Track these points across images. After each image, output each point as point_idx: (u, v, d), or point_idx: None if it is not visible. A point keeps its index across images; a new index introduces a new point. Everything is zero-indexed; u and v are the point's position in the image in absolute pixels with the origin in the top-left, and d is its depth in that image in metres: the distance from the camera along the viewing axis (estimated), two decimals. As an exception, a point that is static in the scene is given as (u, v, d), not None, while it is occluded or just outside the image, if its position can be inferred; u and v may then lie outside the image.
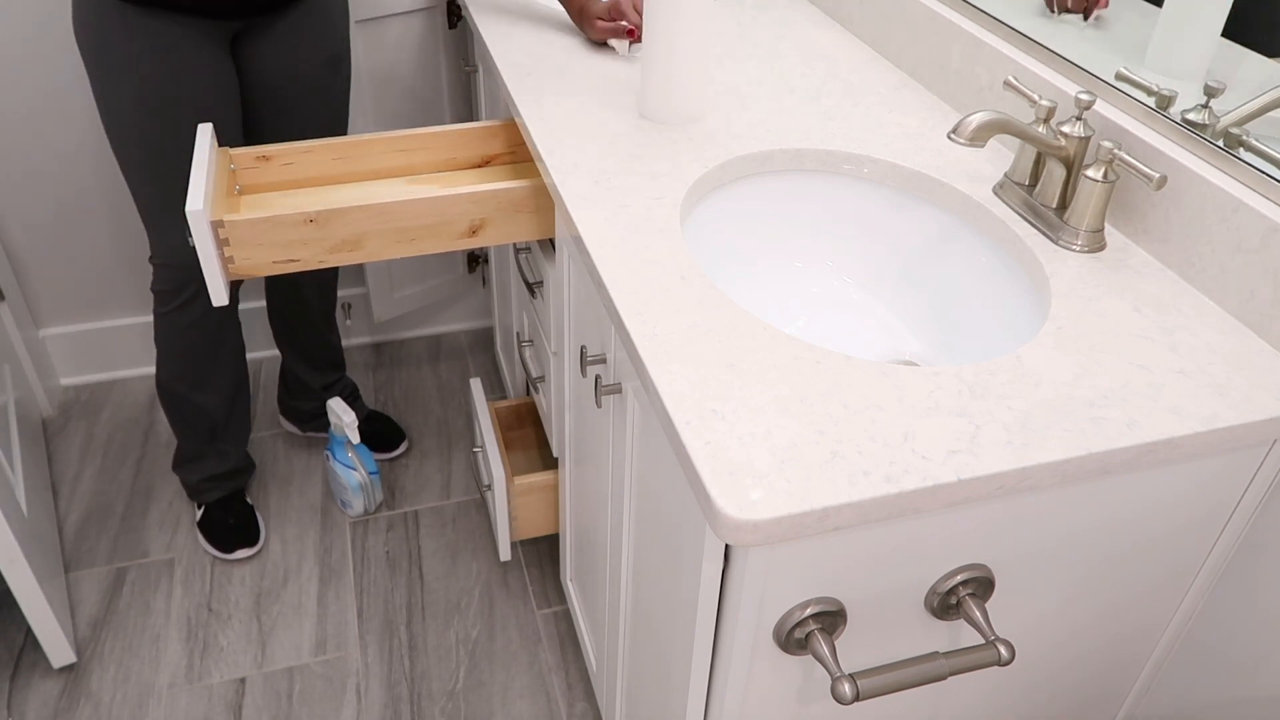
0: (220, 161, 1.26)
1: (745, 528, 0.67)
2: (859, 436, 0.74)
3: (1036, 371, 0.81)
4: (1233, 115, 0.89)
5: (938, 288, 1.08)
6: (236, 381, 1.67)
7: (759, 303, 1.12)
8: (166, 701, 1.52)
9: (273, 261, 1.20)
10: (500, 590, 1.70)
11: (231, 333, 1.61)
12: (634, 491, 1.02)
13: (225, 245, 1.17)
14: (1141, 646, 0.98)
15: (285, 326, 1.81)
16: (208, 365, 1.60)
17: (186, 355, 1.58)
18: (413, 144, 1.36)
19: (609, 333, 1.00)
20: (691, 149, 1.12)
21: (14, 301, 1.92)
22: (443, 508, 1.85)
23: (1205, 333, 0.87)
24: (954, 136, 0.91)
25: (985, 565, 0.80)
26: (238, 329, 1.62)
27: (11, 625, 1.62)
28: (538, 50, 1.38)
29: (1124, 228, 0.99)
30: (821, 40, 1.44)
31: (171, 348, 1.57)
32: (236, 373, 1.66)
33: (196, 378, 1.61)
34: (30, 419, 1.90)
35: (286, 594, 1.69)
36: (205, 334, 1.56)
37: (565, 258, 1.16)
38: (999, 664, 0.76)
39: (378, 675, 1.56)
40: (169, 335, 1.56)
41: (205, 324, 1.55)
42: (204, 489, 1.74)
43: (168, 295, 1.51)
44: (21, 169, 1.84)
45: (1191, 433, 0.76)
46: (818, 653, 0.76)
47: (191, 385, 1.61)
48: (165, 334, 1.56)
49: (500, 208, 1.24)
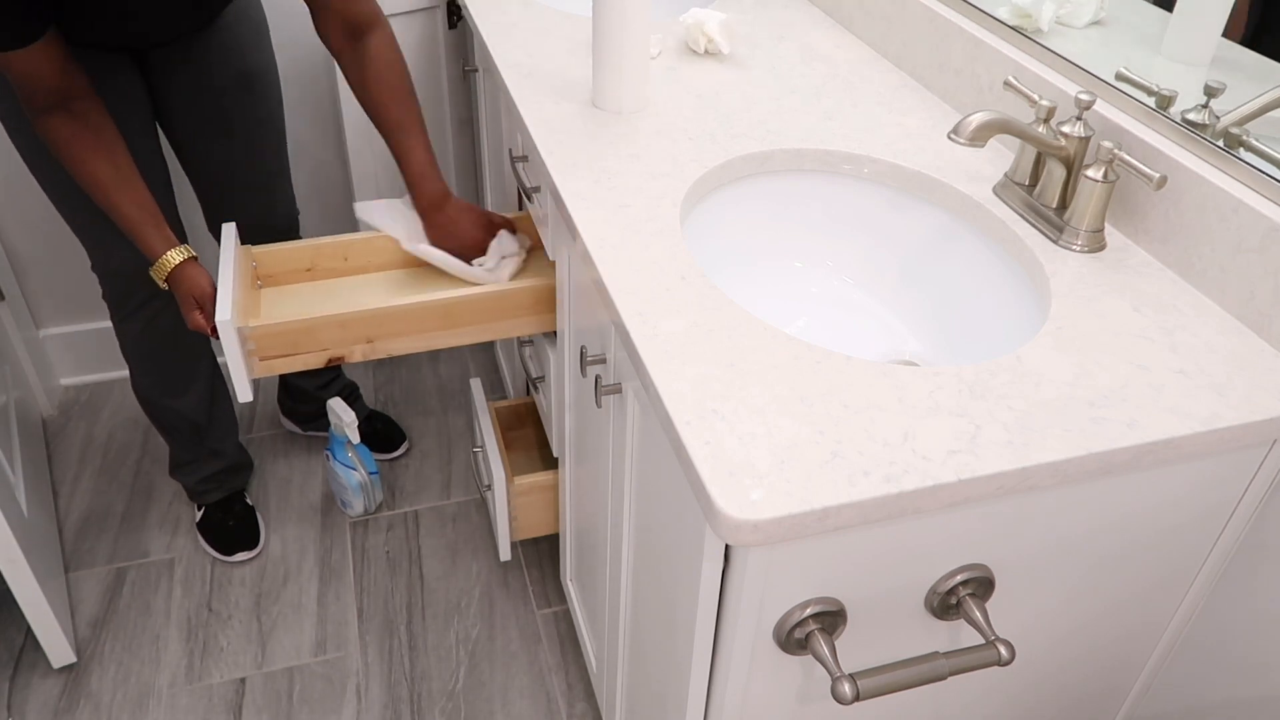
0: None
1: (745, 528, 0.67)
2: (859, 436, 0.74)
3: (1036, 371, 0.81)
4: (1233, 115, 0.89)
5: (938, 288, 1.08)
6: (209, 379, 1.65)
7: (759, 303, 1.12)
8: (166, 701, 1.52)
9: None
10: (500, 590, 1.70)
11: (191, 333, 1.59)
12: (634, 491, 1.02)
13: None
14: (1142, 646, 0.98)
15: None
16: (175, 368, 1.59)
17: (152, 361, 1.56)
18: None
19: (609, 333, 1.00)
20: (691, 149, 1.12)
21: (14, 301, 1.92)
22: (443, 508, 1.85)
23: (1205, 333, 0.87)
24: (954, 136, 0.91)
25: (985, 565, 0.80)
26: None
27: (11, 625, 1.62)
28: (538, 50, 1.38)
29: (1124, 228, 0.99)
30: (821, 40, 1.44)
31: (137, 355, 1.56)
32: (207, 370, 1.64)
33: (168, 383, 1.59)
34: (30, 419, 1.90)
35: (286, 594, 1.69)
36: (167, 339, 1.54)
37: (565, 258, 1.16)
38: (999, 664, 0.76)
39: (378, 675, 1.56)
40: (130, 344, 1.54)
41: (164, 327, 1.53)
42: (204, 490, 1.74)
43: (118, 304, 1.50)
44: (21, 169, 1.84)
45: (1191, 433, 0.76)
46: (818, 653, 0.76)
47: (164, 391, 1.60)
48: (126, 343, 1.54)
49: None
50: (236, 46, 1.43)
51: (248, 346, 1.22)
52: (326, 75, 1.93)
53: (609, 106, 1.21)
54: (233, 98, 1.45)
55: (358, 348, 1.28)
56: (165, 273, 1.27)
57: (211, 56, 1.41)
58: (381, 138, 1.35)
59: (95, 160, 1.23)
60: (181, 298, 1.28)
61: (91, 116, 1.22)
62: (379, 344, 1.28)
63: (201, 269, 1.29)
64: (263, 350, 1.24)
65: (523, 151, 1.33)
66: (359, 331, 1.26)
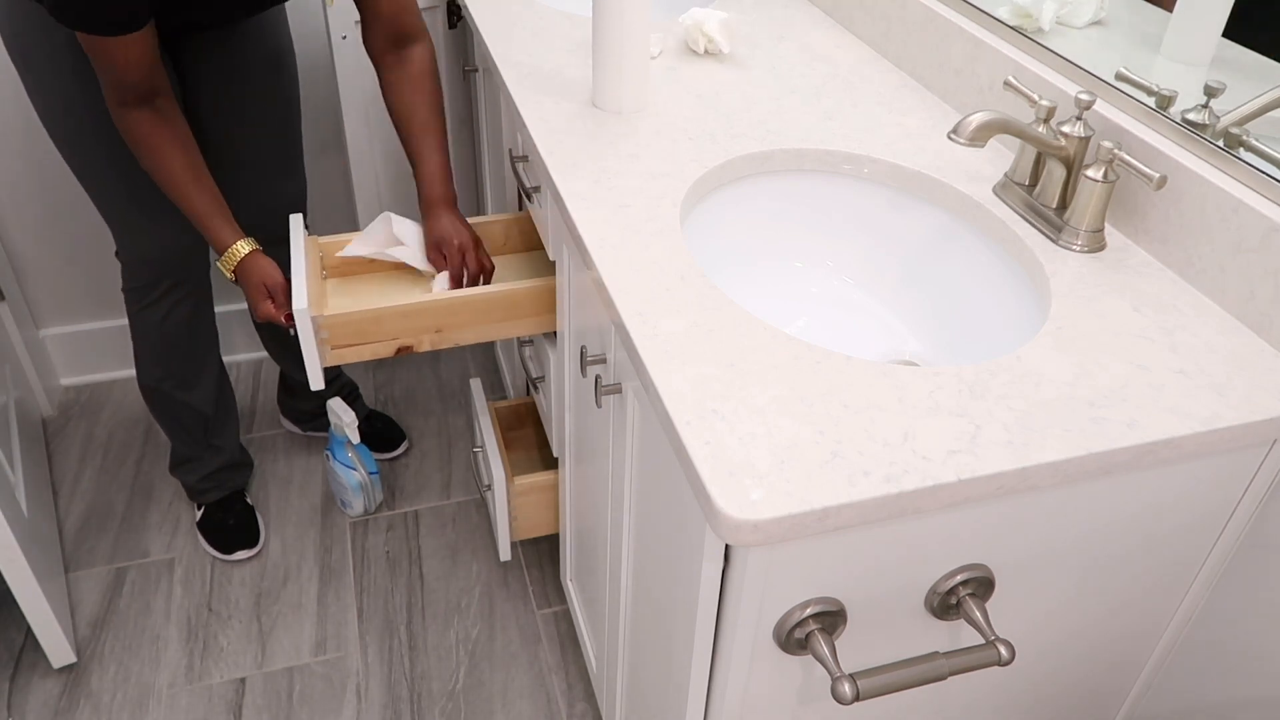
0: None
1: (745, 528, 0.67)
2: (859, 436, 0.74)
3: (1036, 371, 0.81)
4: (1233, 115, 0.89)
5: (938, 288, 1.08)
6: (219, 373, 1.66)
7: (759, 303, 1.12)
8: (166, 701, 1.52)
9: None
10: (500, 590, 1.70)
11: (209, 323, 1.60)
12: (634, 491, 1.02)
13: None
14: (1142, 646, 0.98)
15: (271, 330, 1.80)
16: (191, 360, 1.59)
17: (168, 353, 1.56)
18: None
19: (609, 333, 1.00)
20: (691, 149, 1.12)
21: (14, 301, 1.92)
22: (443, 508, 1.85)
23: (1205, 333, 0.87)
24: (954, 136, 0.91)
25: (985, 565, 0.80)
26: (213, 319, 1.62)
27: (11, 625, 1.62)
28: (538, 50, 1.38)
29: (1124, 228, 0.99)
30: (821, 40, 1.44)
31: (153, 347, 1.56)
32: (216, 362, 1.65)
33: (182, 375, 1.60)
34: (30, 419, 1.90)
35: (286, 594, 1.69)
36: (184, 328, 1.55)
37: (565, 257, 1.16)
38: (999, 664, 0.76)
39: (378, 675, 1.56)
40: (147, 335, 1.54)
41: (182, 317, 1.53)
42: (204, 488, 1.73)
43: (141, 292, 1.50)
44: (22, 169, 1.84)
45: (1191, 433, 0.76)
46: (818, 653, 0.76)
47: (178, 383, 1.60)
48: (143, 334, 1.55)
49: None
50: (269, 27, 1.46)
51: (321, 335, 1.25)
52: (326, 76, 1.93)
53: (609, 106, 1.21)
54: (262, 78, 1.47)
55: (426, 337, 1.30)
56: (235, 262, 1.32)
57: (248, 39, 1.43)
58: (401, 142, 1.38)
59: (173, 155, 1.27)
60: (253, 287, 1.31)
61: (170, 112, 1.27)
62: (447, 334, 1.31)
63: (269, 259, 1.33)
64: (335, 339, 1.26)
65: (523, 151, 1.33)
66: (429, 321, 1.29)
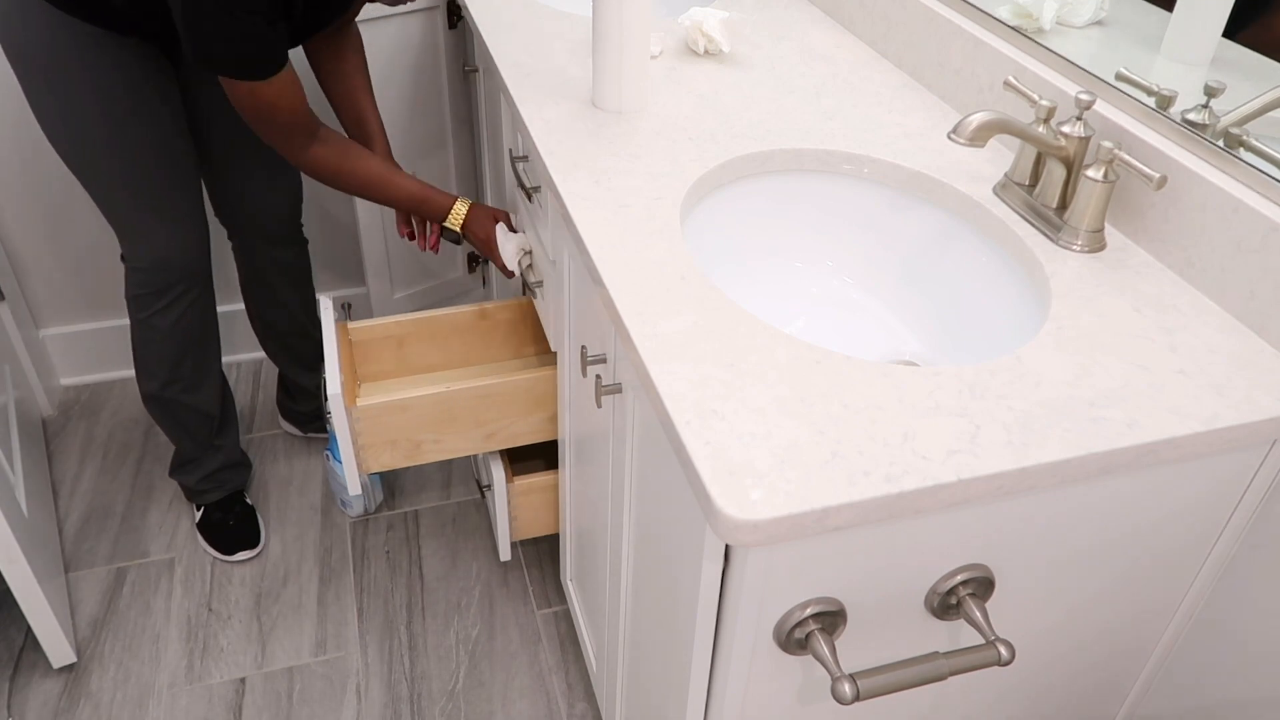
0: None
1: (745, 528, 0.67)
2: (859, 436, 0.74)
3: (1036, 371, 0.81)
4: (1233, 115, 0.89)
5: (938, 288, 1.08)
6: (220, 370, 1.66)
7: (759, 303, 1.12)
8: (166, 701, 1.52)
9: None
10: (500, 590, 1.70)
11: (215, 323, 1.60)
12: (634, 491, 1.02)
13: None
14: (1142, 646, 0.98)
15: (270, 330, 1.80)
16: (199, 363, 1.58)
17: (176, 358, 1.55)
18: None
19: (609, 333, 1.00)
20: (692, 149, 1.12)
21: (14, 301, 1.92)
22: (443, 508, 1.85)
23: (1205, 333, 0.87)
24: (954, 136, 0.91)
25: (985, 565, 0.80)
26: (216, 319, 1.61)
27: (11, 625, 1.62)
28: (538, 50, 1.38)
29: (1124, 228, 0.99)
30: (821, 40, 1.44)
31: (160, 354, 1.53)
32: (219, 363, 1.65)
33: (189, 380, 1.58)
34: (30, 419, 1.90)
35: (286, 594, 1.69)
36: (191, 332, 1.54)
37: (565, 257, 1.16)
38: (999, 664, 0.76)
39: (378, 675, 1.56)
40: (153, 341, 1.52)
41: (194, 319, 1.53)
42: (204, 489, 1.73)
43: (149, 299, 1.48)
44: (22, 169, 1.84)
45: (1191, 433, 0.76)
46: (818, 653, 0.76)
47: (185, 388, 1.59)
48: (149, 341, 1.52)
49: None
50: None
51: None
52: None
53: (609, 106, 1.21)
54: None
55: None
56: (461, 219, 1.40)
57: None
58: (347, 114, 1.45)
59: (362, 166, 1.34)
60: (484, 240, 1.40)
61: (331, 133, 1.31)
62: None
63: (484, 207, 1.42)
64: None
65: (523, 151, 1.33)
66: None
